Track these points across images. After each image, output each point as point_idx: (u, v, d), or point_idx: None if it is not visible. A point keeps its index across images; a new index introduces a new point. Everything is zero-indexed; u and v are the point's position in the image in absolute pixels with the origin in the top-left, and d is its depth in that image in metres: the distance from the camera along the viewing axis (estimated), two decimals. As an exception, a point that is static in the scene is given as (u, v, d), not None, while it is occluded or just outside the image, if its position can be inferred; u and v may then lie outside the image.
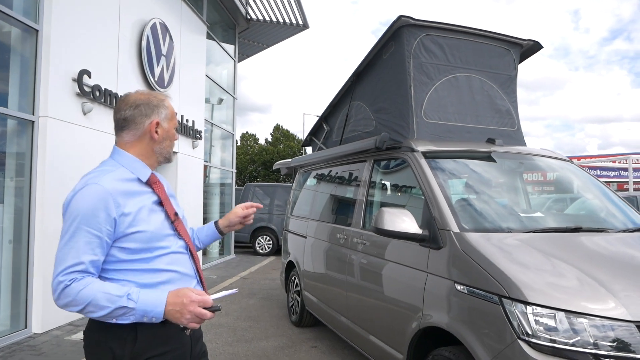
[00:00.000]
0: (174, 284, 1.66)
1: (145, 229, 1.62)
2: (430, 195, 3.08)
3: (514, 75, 4.42)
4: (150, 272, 1.63)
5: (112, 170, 1.66)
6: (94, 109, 5.95)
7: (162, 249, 1.67)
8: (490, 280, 2.40)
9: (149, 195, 1.71)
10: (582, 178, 3.82)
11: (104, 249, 1.56)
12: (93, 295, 1.47)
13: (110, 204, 1.56)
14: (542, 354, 2.11)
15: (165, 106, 1.78)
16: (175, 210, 1.79)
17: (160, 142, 1.76)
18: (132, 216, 1.60)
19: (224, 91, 12.06)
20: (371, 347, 3.58)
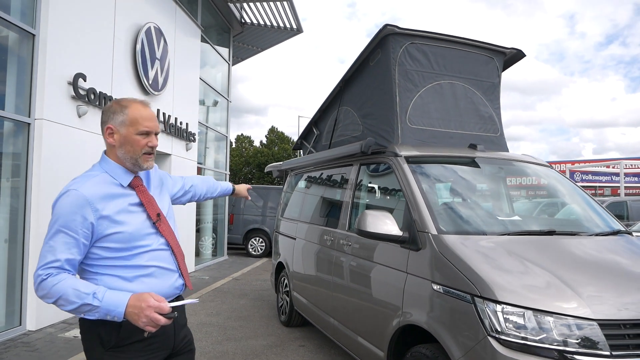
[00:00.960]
0: (156, 278, 1.82)
1: (124, 230, 1.77)
2: (411, 198, 3.20)
3: (497, 82, 4.56)
4: (132, 267, 1.78)
5: (95, 176, 1.82)
6: (89, 111, 6.05)
7: (142, 247, 1.80)
8: (464, 280, 2.53)
9: (130, 197, 1.85)
10: (562, 183, 3.96)
11: (80, 249, 1.71)
12: (64, 290, 1.63)
13: (87, 210, 1.71)
14: (511, 350, 2.24)
15: (125, 112, 1.83)
16: (158, 211, 1.91)
17: (120, 148, 1.85)
18: (110, 218, 1.75)
19: (218, 94, 12.16)
20: (355, 345, 3.69)
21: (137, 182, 1.90)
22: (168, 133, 8.50)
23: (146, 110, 1.89)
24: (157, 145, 1.90)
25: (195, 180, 2.47)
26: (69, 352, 4.57)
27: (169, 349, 1.90)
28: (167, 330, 1.84)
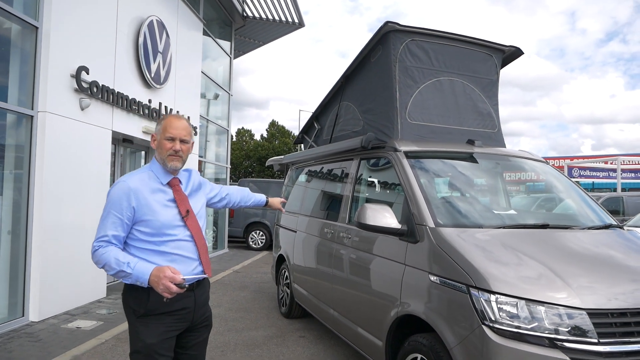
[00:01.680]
0: (177, 264, 2.17)
1: (155, 218, 2.18)
2: (410, 192, 3.28)
3: (496, 79, 4.62)
4: (159, 253, 2.18)
5: (142, 173, 2.28)
6: (92, 104, 6.11)
7: (169, 236, 2.20)
8: (460, 271, 2.61)
9: (167, 194, 2.27)
10: (557, 179, 4.03)
11: (124, 227, 2.16)
12: (108, 259, 2.08)
13: (131, 197, 2.16)
14: (504, 338, 2.32)
15: (161, 123, 2.29)
16: (188, 208, 2.30)
17: (156, 151, 2.31)
18: (148, 207, 2.18)
19: (220, 87, 12.21)
20: (354, 335, 3.78)
21: (174, 182, 2.31)
22: (169, 126, 8.54)
23: (177, 121, 2.29)
24: (179, 149, 2.25)
25: (231, 190, 2.89)
26: (72, 342, 4.65)
27: (189, 322, 2.29)
28: (188, 306, 2.25)
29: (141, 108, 7.45)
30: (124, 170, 8.20)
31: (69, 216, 5.78)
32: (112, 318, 5.54)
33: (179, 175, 2.36)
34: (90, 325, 5.22)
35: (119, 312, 5.82)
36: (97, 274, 6.43)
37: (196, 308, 2.31)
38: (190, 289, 2.24)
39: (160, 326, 2.19)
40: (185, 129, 2.29)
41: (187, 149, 2.30)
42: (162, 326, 2.19)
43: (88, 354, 4.38)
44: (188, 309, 2.26)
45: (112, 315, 5.65)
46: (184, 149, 2.27)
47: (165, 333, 2.20)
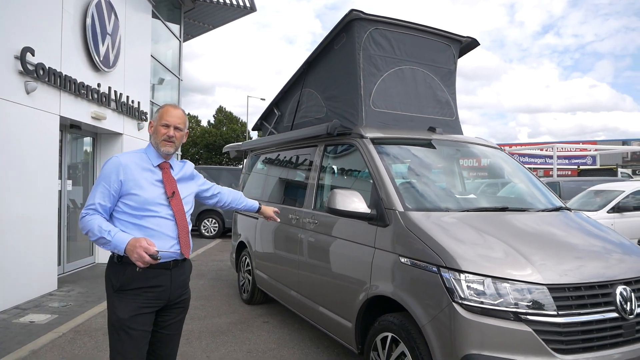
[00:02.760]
0: (155, 239, 2.26)
1: (140, 194, 2.31)
2: (378, 178, 3.38)
3: (454, 69, 4.80)
4: (139, 227, 2.30)
5: (136, 153, 2.44)
6: (38, 88, 5.79)
7: (152, 212, 2.32)
8: (430, 252, 2.74)
9: (157, 175, 2.41)
10: (511, 165, 4.28)
11: (110, 198, 2.30)
12: (92, 225, 2.22)
13: (120, 170, 2.31)
14: (473, 314, 2.48)
15: (159, 111, 2.47)
16: (174, 190, 2.42)
17: (151, 136, 2.47)
18: (135, 182, 2.31)
19: (169, 71, 11.87)
20: (322, 318, 3.87)
21: (165, 165, 2.44)
22: (120, 112, 8.25)
23: (173, 110, 2.46)
24: (172, 135, 2.40)
25: (223, 190, 2.96)
26: (27, 337, 4.47)
27: (165, 300, 2.38)
28: (164, 284, 2.35)
29: (90, 92, 7.13)
30: (73, 159, 7.86)
31: (14, 207, 5.49)
32: (67, 311, 5.35)
33: (172, 163, 2.50)
34: (44, 319, 5.02)
35: (73, 304, 5.63)
36: (47, 266, 6.17)
37: (172, 287, 2.38)
38: (166, 268, 2.35)
39: (133, 302, 2.29)
40: (180, 118, 2.45)
41: (180, 136, 2.45)
42: (136, 302, 2.29)
43: (46, 348, 4.23)
44: (163, 287, 2.35)
45: (67, 308, 5.45)
46: (177, 135, 2.43)
47: (138, 309, 2.29)
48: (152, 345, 2.43)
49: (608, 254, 2.96)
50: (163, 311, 2.42)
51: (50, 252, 6.26)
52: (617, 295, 2.61)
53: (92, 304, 5.66)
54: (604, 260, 2.87)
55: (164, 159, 2.44)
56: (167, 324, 2.46)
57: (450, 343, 2.53)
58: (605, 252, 2.98)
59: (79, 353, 4.13)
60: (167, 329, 2.46)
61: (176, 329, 2.53)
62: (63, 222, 7.25)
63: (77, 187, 8.02)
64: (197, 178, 2.71)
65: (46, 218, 6.16)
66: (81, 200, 8.16)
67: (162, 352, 2.48)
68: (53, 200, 6.35)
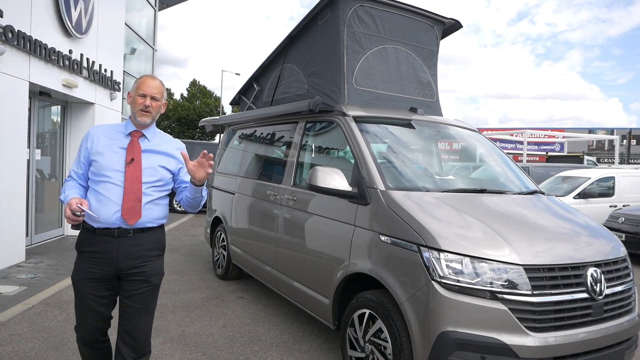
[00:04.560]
0: (101, 203, 2.37)
1: (98, 160, 2.41)
2: (360, 156, 3.38)
3: (436, 50, 4.81)
4: (95, 191, 2.41)
5: (114, 123, 2.60)
6: (7, 52, 5.52)
7: (105, 177, 2.39)
8: (410, 231, 2.78)
9: (122, 142, 2.46)
10: (488, 148, 4.34)
11: (81, 165, 2.48)
12: (63, 188, 2.47)
13: (88, 139, 2.47)
14: (451, 292, 2.54)
15: (137, 82, 2.50)
16: (133, 157, 2.43)
17: (130, 106, 2.51)
18: (95, 150, 2.43)
19: (143, 41, 11.51)
20: (299, 294, 3.90)
21: (136, 134, 2.48)
22: (92, 80, 7.97)
23: (150, 80, 2.51)
24: (149, 104, 2.43)
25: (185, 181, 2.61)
26: (-6, 307, 4.36)
27: (111, 269, 2.40)
28: (108, 251, 2.38)
29: (61, 59, 6.85)
30: (41, 127, 7.58)
31: (-19, 174, 5.29)
32: (35, 283, 5.23)
33: (149, 134, 2.50)
34: (12, 290, 4.90)
35: (43, 276, 5.50)
36: (14, 237, 6.00)
37: (120, 257, 2.39)
38: (111, 235, 2.37)
39: (82, 265, 2.43)
40: (157, 88, 2.48)
41: (157, 106, 2.47)
42: (84, 265, 2.41)
43: (15, 319, 4.13)
44: (107, 255, 2.38)
45: (36, 280, 5.33)
46: (154, 105, 2.45)
47: (85, 272, 2.40)
48: (120, 316, 2.45)
49: (578, 237, 3.06)
50: (122, 281, 2.44)
51: (17, 223, 6.08)
52: (588, 277, 2.70)
53: (61, 276, 5.54)
54: (575, 242, 2.96)
55: (137, 128, 2.48)
56: (128, 294, 2.43)
57: (427, 320, 2.58)
58: (576, 235, 3.08)
59: (49, 325, 4.05)
60: (129, 300, 2.43)
61: (140, 302, 2.44)
62: (31, 193, 7.03)
63: (45, 157, 7.76)
64: (178, 160, 2.54)
65: (14, 188, 5.96)
66: (49, 171, 7.92)
67: (129, 323, 2.43)
68: (21, 170, 6.13)
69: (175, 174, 2.59)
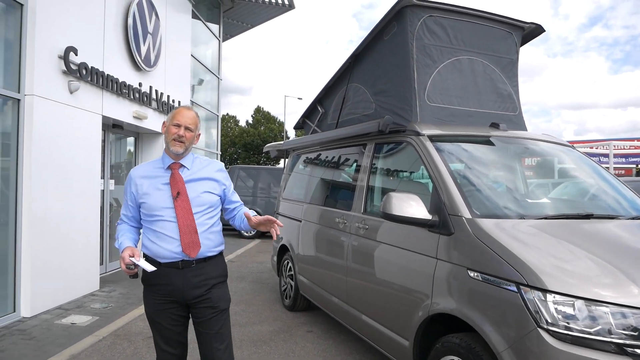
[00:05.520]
0: (161, 241, 2.44)
1: (147, 201, 2.47)
2: (439, 180, 3.03)
3: (516, 59, 4.38)
4: (151, 230, 2.48)
5: (151, 161, 2.60)
6: (81, 87, 5.72)
7: (158, 217, 2.45)
8: (507, 267, 2.37)
9: (164, 178, 2.49)
10: (587, 165, 3.82)
11: (129, 209, 2.57)
12: (116, 234, 2.56)
13: (132, 183, 2.54)
14: (564, 343, 2.09)
15: (172, 112, 2.53)
16: (178, 190, 2.46)
17: (165, 136, 2.52)
18: (141, 192, 2.49)
19: (209, 71, 11.79)
20: (373, 332, 3.55)
21: (174, 166, 2.50)
22: (160, 111, 8.17)
23: (185, 111, 2.51)
24: (182, 135, 2.43)
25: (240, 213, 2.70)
26: (67, 340, 4.36)
27: (179, 298, 2.47)
28: (174, 283, 2.44)
29: (131, 92, 7.06)
30: (115, 158, 7.83)
31: (58, 206, 5.44)
32: (108, 313, 5.24)
33: (187, 162, 2.53)
34: (85, 320, 4.92)
35: (114, 305, 5.53)
36: (89, 266, 6.12)
37: (185, 287, 2.45)
38: (176, 267, 2.44)
39: (152, 297, 2.50)
40: (192, 119, 2.49)
41: (190, 136, 2.48)
42: (153, 297, 2.50)
43: (86, 352, 4.10)
44: (173, 286, 2.44)
45: (108, 310, 5.35)
46: (187, 136, 2.46)
47: (156, 305, 2.48)
48: (198, 342, 2.56)
49: None
50: (191, 310, 2.53)
51: (92, 251, 6.21)
52: None
53: (132, 305, 5.54)
54: None
55: (174, 160, 2.50)
56: (199, 321, 2.52)
57: (534, 375, 2.15)
58: None
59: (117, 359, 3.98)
60: (201, 326, 2.52)
61: (210, 327, 2.52)
62: (106, 222, 7.23)
63: (119, 186, 7.99)
64: (220, 182, 2.59)
65: (89, 217, 6.10)
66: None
67: (206, 349, 2.53)
68: (96, 199, 6.29)
69: (222, 196, 2.64)
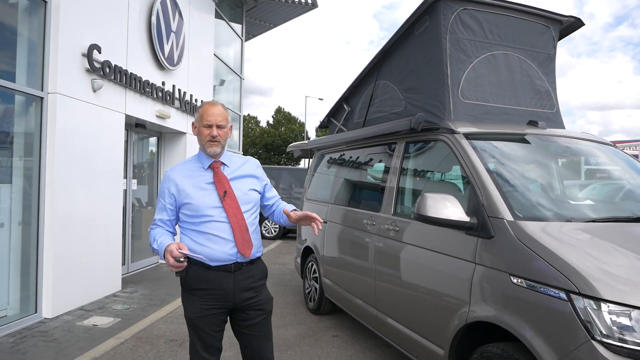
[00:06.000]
0: (213, 243, 2.33)
1: (192, 202, 2.35)
2: (477, 179, 2.86)
3: (554, 54, 4.18)
4: (199, 232, 2.35)
5: (187, 161, 2.49)
6: (104, 86, 5.69)
7: (206, 217, 2.33)
8: (556, 274, 2.19)
9: (206, 177, 2.40)
10: (632, 165, 3.60)
11: (167, 212, 2.43)
12: (150, 237, 2.40)
13: (171, 185, 2.41)
14: (618, 356, 1.92)
15: (199, 111, 2.42)
16: (225, 189, 2.37)
17: (197, 138, 2.45)
18: (184, 193, 2.37)
19: (232, 71, 11.75)
20: (403, 338, 3.39)
21: (215, 165, 2.42)
22: (183, 111, 8.13)
23: (212, 108, 2.40)
24: (216, 134, 2.36)
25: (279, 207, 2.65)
26: (89, 342, 4.29)
27: (229, 303, 2.39)
28: (225, 287, 2.35)
29: (155, 90, 7.02)
30: (138, 158, 7.82)
31: (80, 206, 5.40)
32: (129, 314, 5.18)
33: (228, 160, 2.47)
34: (107, 322, 4.86)
35: (136, 307, 5.46)
36: (111, 266, 6.08)
37: (236, 291, 2.38)
38: (228, 271, 2.35)
39: (197, 302, 2.37)
40: (221, 115, 2.40)
41: (224, 133, 2.41)
42: (199, 302, 2.36)
43: (107, 355, 4.02)
44: (225, 291, 2.35)
45: (130, 311, 5.29)
46: (221, 134, 2.39)
47: (202, 310, 2.36)
48: (243, 345, 2.53)
49: None
50: (237, 313, 2.45)
51: (114, 252, 6.17)
52: None
53: (154, 307, 5.48)
54: None
55: (213, 159, 2.42)
56: (246, 324, 2.46)
57: (588, 392, 1.97)
58: None
59: (140, 364, 3.89)
60: (248, 329, 2.47)
61: (259, 330, 2.49)
62: (128, 222, 7.20)
63: (142, 186, 7.98)
64: (259, 179, 2.58)
65: (111, 217, 6.07)
66: (146, 199, 8.12)
67: (254, 352, 2.50)
68: (118, 199, 6.25)
69: (262, 193, 2.60)
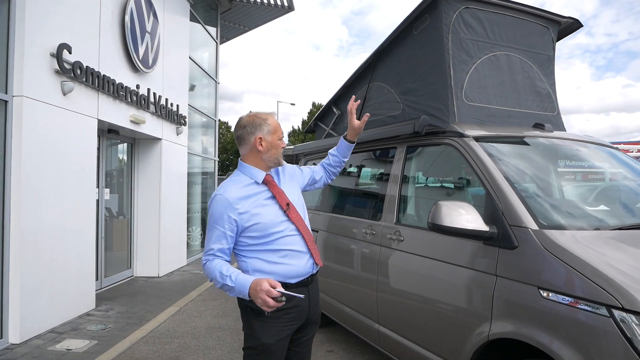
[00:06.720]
0: (290, 259, 2.21)
1: (260, 221, 2.18)
2: (493, 186, 2.68)
3: (553, 55, 4.09)
4: (271, 251, 2.19)
5: (235, 180, 2.27)
6: (75, 88, 5.30)
7: (277, 234, 2.20)
8: (594, 287, 2.02)
9: (264, 193, 2.25)
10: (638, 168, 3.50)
11: (227, 240, 2.17)
12: (214, 272, 2.11)
13: (231, 209, 2.16)
14: (672, 377, 1.75)
15: (268, 123, 2.29)
16: (287, 201, 2.27)
17: (266, 152, 2.28)
18: (248, 214, 2.17)
19: (207, 75, 11.39)
20: (412, 356, 3.17)
21: (268, 178, 2.30)
22: (159, 115, 7.76)
23: (277, 121, 2.36)
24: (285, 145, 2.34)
25: (316, 169, 2.79)
26: (63, 367, 3.92)
27: (303, 320, 2.31)
28: (303, 305, 2.26)
29: (129, 94, 6.64)
30: (109, 165, 7.39)
31: (49, 218, 4.99)
32: (106, 335, 4.79)
33: (272, 171, 2.38)
34: (82, 345, 4.47)
35: (113, 327, 5.08)
36: (83, 283, 5.66)
37: (311, 305, 2.33)
38: (304, 285, 2.27)
39: (276, 325, 2.21)
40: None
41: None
42: (278, 325, 2.21)
43: (85, 384, 3.66)
44: (302, 307, 2.27)
45: (107, 332, 4.90)
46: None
47: (280, 332, 2.23)
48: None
49: None
50: (299, 330, 2.35)
51: (87, 266, 5.75)
52: None
53: (133, 326, 5.10)
54: None
55: (266, 172, 2.31)
56: (301, 341, 2.38)
57: (641, 419, 1.80)
58: None
59: (122, 391, 3.55)
60: (300, 346, 2.39)
61: (309, 344, 2.45)
62: (101, 233, 6.77)
63: (113, 194, 7.54)
64: (296, 174, 2.57)
65: (83, 229, 5.65)
66: (116, 209, 7.69)
67: None
68: (91, 209, 5.84)
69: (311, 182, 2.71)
